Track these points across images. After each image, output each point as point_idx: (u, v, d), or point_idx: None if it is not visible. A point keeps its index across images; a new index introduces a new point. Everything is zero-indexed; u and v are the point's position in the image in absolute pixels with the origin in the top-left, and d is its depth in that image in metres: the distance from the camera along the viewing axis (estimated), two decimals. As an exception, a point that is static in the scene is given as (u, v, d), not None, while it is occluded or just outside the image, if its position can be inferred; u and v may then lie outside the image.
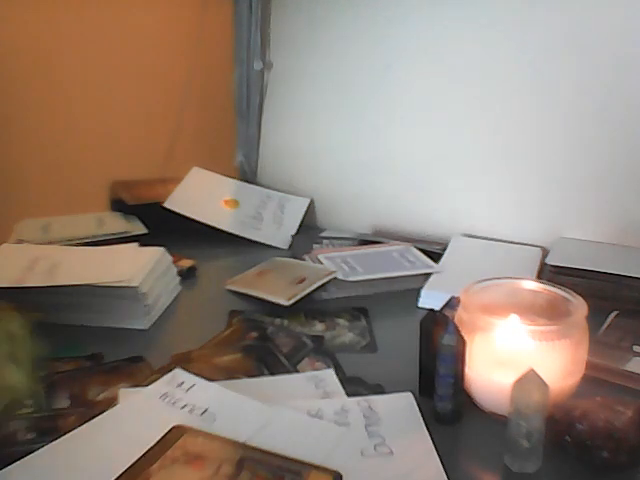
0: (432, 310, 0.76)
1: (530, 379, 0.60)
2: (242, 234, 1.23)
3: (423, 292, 0.98)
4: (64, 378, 0.75)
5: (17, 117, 1.23)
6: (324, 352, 0.82)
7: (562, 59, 1.07)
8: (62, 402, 0.71)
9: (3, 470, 0.59)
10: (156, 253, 0.97)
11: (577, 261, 0.98)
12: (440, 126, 1.21)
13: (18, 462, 0.60)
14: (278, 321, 0.92)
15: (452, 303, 0.84)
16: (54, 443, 0.62)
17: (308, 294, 0.96)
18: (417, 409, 0.70)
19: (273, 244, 1.23)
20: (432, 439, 0.65)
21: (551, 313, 0.72)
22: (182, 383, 0.72)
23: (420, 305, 0.97)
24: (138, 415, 0.67)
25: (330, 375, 0.76)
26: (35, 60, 1.22)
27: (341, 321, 0.93)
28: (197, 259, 1.11)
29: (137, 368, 0.78)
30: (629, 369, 0.77)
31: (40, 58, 1.22)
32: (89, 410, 0.68)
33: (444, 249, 1.13)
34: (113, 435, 0.64)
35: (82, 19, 1.25)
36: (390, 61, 1.23)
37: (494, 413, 0.69)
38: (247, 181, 1.42)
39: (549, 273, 0.98)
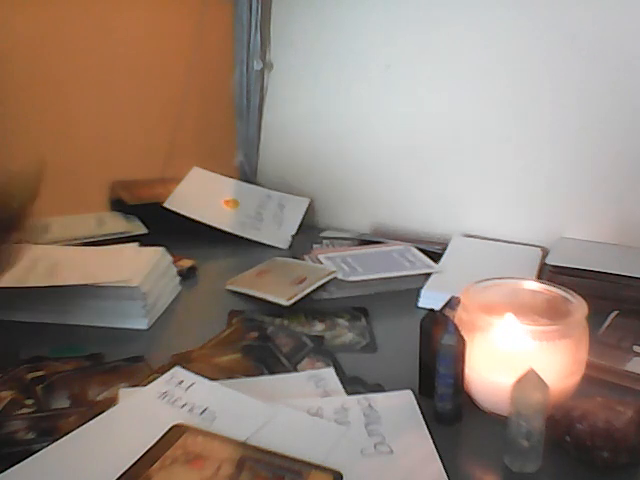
0: (432, 310, 0.76)
1: (530, 379, 0.60)
2: (242, 234, 1.23)
3: (423, 292, 0.98)
4: (64, 378, 0.75)
5: (16, 117, 1.23)
6: (324, 352, 0.82)
7: (563, 60, 1.07)
8: (62, 402, 0.71)
9: (4, 472, 0.59)
10: (156, 253, 0.97)
11: (577, 261, 0.98)
12: (440, 126, 1.21)
13: (19, 464, 0.59)
14: (278, 321, 0.92)
15: (452, 303, 0.84)
16: (54, 444, 0.62)
17: (308, 294, 0.96)
18: (417, 407, 0.70)
19: (273, 244, 1.23)
20: (432, 438, 0.65)
21: (551, 313, 0.72)
22: (182, 382, 0.72)
23: (420, 305, 0.97)
24: (138, 415, 0.67)
25: (330, 374, 0.76)
26: (34, 60, 1.22)
27: (341, 321, 0.93)
28: (197, 259, 1.11)
29: (137, 368, 0.78)
30: (629, 369, 0.77)
31: (39, 58, 1.22)
32: (89, 410, 0.68)
33: (444, 249, 1.13)
34: (113, 435, 0.65)
35: (81, 19, 1.25)
36: (390, 61, 1.23)
37: (494, 413, 0.69)
38: (247, 181, 1.42)
39: (549, 273, 0.98)
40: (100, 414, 0.67)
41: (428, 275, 1.03)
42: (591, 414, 0.63)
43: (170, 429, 0.63)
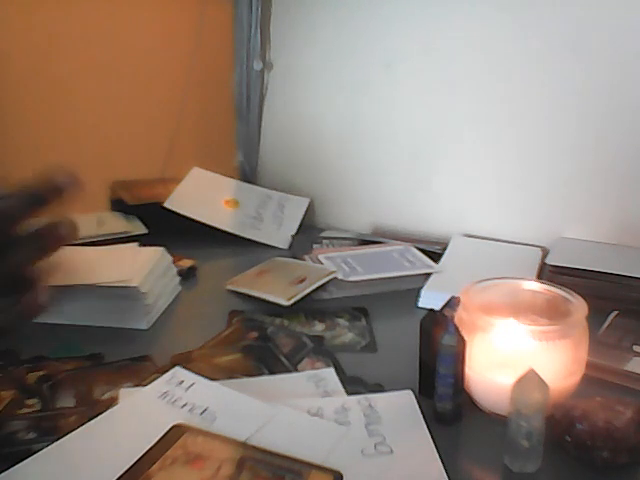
0: (432, 310, 0.76)
1: (530, 379, 0.60)
2: (242, 234, 1.23)
3: (423, 292, 0.98)
4: (70, 377, 0.75)
5: (17, 117, 1.23)
6: (324, 352, 0.82)
7: (564, 61, 1.07)
8: (68, 401, 0.71)
9: (4, 472, 0.59)
10: (156, 253, 0.97)
11: (577, 261, 0.98)
12: (440, 126, 1.21)
13: (19, 464, 0.60)
14: (278, 321, 0.92)
15: (452, 303, 0.84)
16: (55, 444, 0.62)
17: (308, 294, 0.96)
18: (417, 407, 0.70)
19: (273, 244, 1.23)
20: (432, 438, 0.65)
21: (551, 313, 0.72)
22: (182, 382, 0.72)
23: (420, 305, 0.97)
24: (138, 415, 0.67)
25: (330, 374, 0.76)
26: (34, 60, 1.22)
27: (341, 321, 0.93)
28: (197, 259, 1.11)
29: (143, 367, 0.78)
30: (629, 369, 0.77)
31: (39, 58, 1.22)
32: (90, 409, 0.68)
33: (444, 249, 1.13)
34: (113, 435, 0.65)
35: (81, 19, 1.25)
36: (390, 61, 1.23)
37: (494, 413, 0.69)
38: (247, 181, 1.42)
39: (549, 273, 0.98)
40: (101, 414, 0.67)
41: (428, 275, 1.03)
42: (591, 414, 0.63)
43: (170, 429, 0.63)
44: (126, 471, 0.58)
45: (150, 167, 1.39)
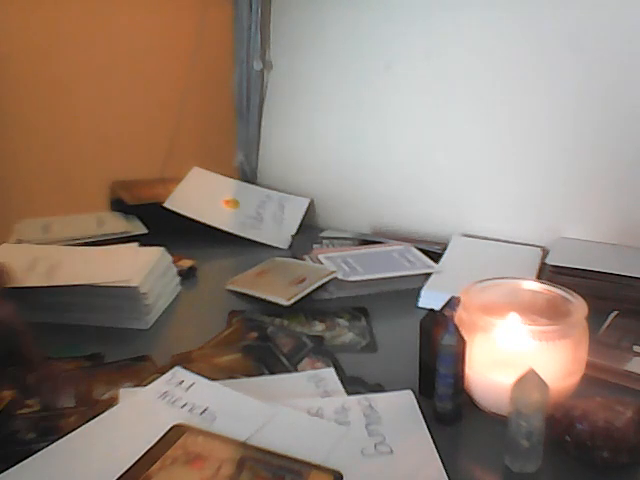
0: (432, 310, 0.76)
1: (530, 379, 0.60)
2: (242, 234, 1.23)
3: (423, 292, 0.98)
4: (70, 377, 0.75)
5: (17, 117, 1.23)
6: (324, 352, 0.82)
7: (563, 60, 1.07)
8: (68, 401, 0.71)
9: (4, 472, 0.59)
10: (156, 253, 0.97)
11: (577, 261, 0.98)
12: (440, 127, 1.21)
13: (19, 464, 0.60)
14: (278, 321, 0.92)
15: (452, 303, 0.84)
16: (54, 444, 0.62)
17: (308, 294, 0.96)
18: (417, 407, 0.70)
19: (273, 244, 1.23)
20: (432, 438, 0.65)
21: (551, 313, 0.72)
22: (182, 382, 0.72)
23: (420, 305, 0.97)
24: (138, 415, 0.67)
25: (330, 374, 0.76)
26: (35, 60, 1.22)
27: (341, 321, 0.93)
28: (197, 259, 1.11)
29: (142, 367, 0.78)
30: (629, 369, 0.77)
31: (40, 58, 1.22)
32: (90, 410, 0.68)
33: (444, 249, 1.13)
34: (113, 435, 0.65)
35: (82, 19, 1.25)
36: (390, 61, 1.23)
37: (494, 413, 0.69)
38: (247, 181, 1.42)
39: (549, 273, 0.98)
40: (101, 414, 0.67)
41: (428, 275, 1.03)
42: (591, 414, 0.63)
43: (170, 429, 0.63)
44: (126, 471, 0.58)
45: (150, 167, 1.39)
